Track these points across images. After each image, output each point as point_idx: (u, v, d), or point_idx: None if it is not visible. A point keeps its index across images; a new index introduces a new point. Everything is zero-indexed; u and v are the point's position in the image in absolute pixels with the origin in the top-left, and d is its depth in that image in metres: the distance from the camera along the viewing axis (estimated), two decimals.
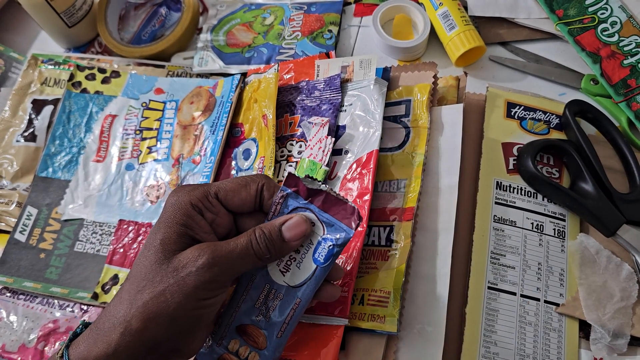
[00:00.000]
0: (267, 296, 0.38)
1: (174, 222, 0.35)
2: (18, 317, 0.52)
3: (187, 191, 0.37)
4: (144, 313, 0.33)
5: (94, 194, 0.56)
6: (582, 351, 0.44)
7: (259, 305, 0.38)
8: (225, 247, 0.35)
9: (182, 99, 0.59)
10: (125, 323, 0.33)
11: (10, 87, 0.64)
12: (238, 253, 0.35)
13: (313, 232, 0.37)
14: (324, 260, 0.37)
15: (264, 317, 0.38)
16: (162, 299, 0.33)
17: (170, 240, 0.35)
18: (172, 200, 0.37)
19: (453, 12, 0.57)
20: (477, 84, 0.57)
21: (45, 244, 0.54)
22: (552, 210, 0.49)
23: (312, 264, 0.37)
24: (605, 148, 0.51)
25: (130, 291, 0.34)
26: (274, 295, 0.38)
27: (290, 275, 0.38)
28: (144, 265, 0.35)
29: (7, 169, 0.58)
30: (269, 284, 0.38)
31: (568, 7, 0.57)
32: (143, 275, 0.34)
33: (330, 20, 0.62)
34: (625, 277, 0.45)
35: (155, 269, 0.34)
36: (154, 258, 0.34)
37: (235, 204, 0.38)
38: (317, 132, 0.50)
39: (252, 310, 0.38)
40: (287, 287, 0.38)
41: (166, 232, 0.35)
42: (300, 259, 0.38)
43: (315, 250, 0.37)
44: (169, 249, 0.35)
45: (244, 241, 0.36)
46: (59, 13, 0.62)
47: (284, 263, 0.38)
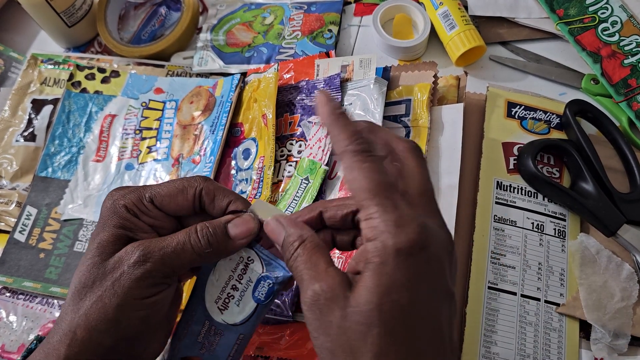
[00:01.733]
0: (208, 332, 0.37)
1: (110, 225, 0.34)
2: (18, 317, 0.51)
3: (122, 194, 0.36)
4: (87, 321, 0.32)
5: (93, 194, 0.56)
6: (583, 351, 0.44)
7: (201, 340, 0.37)
8: (160, 242, 0.34)
9: (182, 99, 0.59)
10: (70, 334, 0.32)
11: (10, 87, 0.64)
12: (173, 247, 0.34)
13: (252, 269, 0.36)
14: (264, 299, 0.36)
15: (208, 351, 0.37)
16: (101, 304, 0.32)
17: (108, 242, 0.34)
18: (108, 204, 0.35)
19: (453, 11, 0.57)
20: (477, 83, 0.57)
21: (44, 244, 0.54)
22: (553, 210, 0.49)
23: (253, 302, 0.36)
24: (605, 148, 0.51)
25: (73, 299, 0.33)
26: (215, 332, 0.37)
27: (228, 313, 0.36)
28: (81, 272, 0.33)
29: (7, 168, 0.58)
30: (208, 320, 0.37)
31: (568, 7, 0.57)
32: (83, 282, 0.33)
33: (330, 19, 0.62)
34: (625, 277, 0.45)
35: (92, 274, 0.33)
36: (91, 262, 0.33)
37: (172, 209, 0.36)
38: (317, 131, 0.50)
39: (195, 344, 0.37)
40: (227, 324, 0.36)
41: (103, 236, 0.34)
42: (239, 296, 0.36)
43: (255, 289, 0.36)
44: (106, 252, 0.34)
45: (181, 236, 0.34)
46: (59, 13, 0.62)
47: (222, 301, 0.36)
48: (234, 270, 0.36)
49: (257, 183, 0.51)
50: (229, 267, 0.36)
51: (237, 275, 0.36)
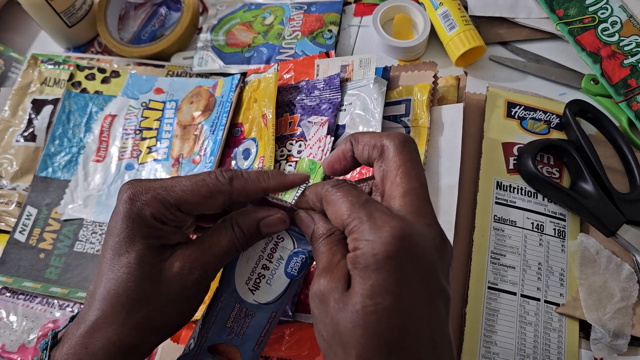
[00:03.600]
0: (238, 315, 0.37)
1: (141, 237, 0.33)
2: (18, 317, 0.51)
3: (146, 202, 0.33)
4: (139, 331, 0.33)
5: (93, 194, 0.56)
6: (583, 351, 0.44)
7: (230, 325, 0.37)
8: (212, 254, 0.34)
9: (182, 99, 0.59)
10: (120, 342, 0.32)
11: (10, 87, 0.64)
12: (224, 254, 0.34)
13: (283, 247, 0.37)
14: (297, 273, 0.36)
15: (237, 335, 0.37)
16: (157, 314, 0.33)
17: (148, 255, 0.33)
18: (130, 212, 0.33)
19: (453, 11, 0.57)
20: (477, 83, 0.57)
21: (45, 244, 0.54)
22: (553, 210, 0.49)
23: (286, 279, 0.36)
24: (605, 148, 0.51)
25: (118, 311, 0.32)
26: (245, 314, 0.37)
27: (260, 292, 0.37)
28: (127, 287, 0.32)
29: (7, 168, 0.58)
30: (238, 303, 0.37)
31: (568, 7, 0.57)
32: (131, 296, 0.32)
33: (330, 20, 0.62)
34: (625, 277, 0.45)
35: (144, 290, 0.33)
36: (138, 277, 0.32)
37: (200, 212, 0.35)
38: (317, 131, 0.50)
39: (223, 329, 0.37)
40: (259, 304, 0.37)
41: (140, 250, 0.33)
42: (270, 275, 0.37)
43: (287, 265, 0.36)
44: (149, 263, 0.33)
45: (226, 242, 0.34)
46: (59, 13, 0.62)
47: (253, 281, 0.37)
48: (264, 250, 0.37)
49: None
50: (259, 247, 0.37)
51: (267, 255, 0.37)
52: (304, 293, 0.44)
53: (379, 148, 0.32)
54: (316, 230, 0.33)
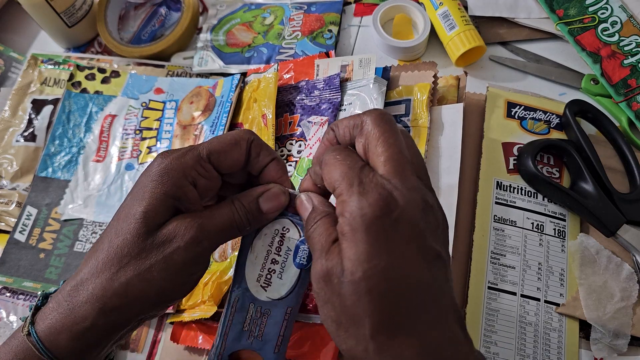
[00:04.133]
0: (254, 315, 0.36)
1: (161, 193, 0.32)
2: (18, 317, 0.51)
3: (177, 157, 0.33)
4: (128, 291, 0.32)
5: (93, 194, 0.56)
6: (583, 351, 0.44)
7: (247, 328, 0.37)
8: (211, 221, 0.33)
9: (182, 99, 0.59)
10: (104, 299, 0.31)
11: (10, 87, 0.64)
12: (222, 226, 0.34)
13: (289, 238, 0.36)
14: (306, 262, 0.36)
15: (256, 338, 0.37)
16: (148, 276, 0.32)
17: (156, 212, 0.32)
18: (161, 166, 0.33)
19: (453, 11, 0.57)
20: (477, 83, 0.57)
21: (45, 244, 0.54)
22: (553, 210, 0.49)
23: (295, 269, 0.36)
24: (605, 148, 0.51)
25: (109, 265, 0.32)
26: (261, 313, 0.36)
27: (272, 288, 0.36)
28: (124, 239, 0.32)
29: (7, 168, 0.58)
30: (252, 302, 0.36)
31: (568, 7, 0.57)
32: (125, 250, 0.32)
33: (330, 20, 0.62)
34: (625, 277, 0.45)
35: (138, 244, 0.32)
36: (136, 231, 0.32)
37: (227, 165, 0.35)
38: (317, 131, 0.50)
39: (241, 334, 0.37)
40: (272, 301, 0.36)
41: (151, 204, 0.32)
42: (280, 268, 0.36)
43: (295, 255, 0.36)
44: (153, 222, 0.32)
45: (226, 213, 0.34)
46: (59, 13, 0.62)
47: (264, 278, 0.36)
48: (271, 244, 0.36)
49: None
50: (266, 242, 0.36)
51: (275, 249, 0.36)
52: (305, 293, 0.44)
53: (358, 125, 0.32)
54: (311, 214, 0.33)
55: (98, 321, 0.32)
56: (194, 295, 0.48)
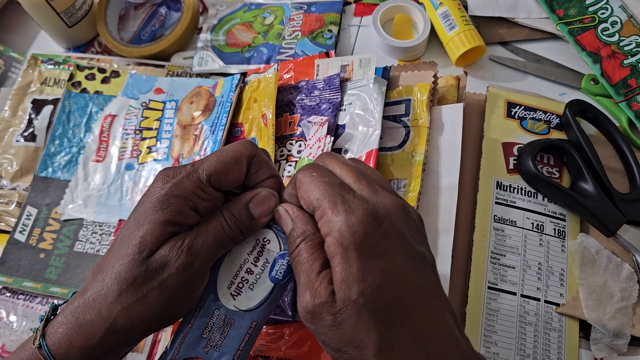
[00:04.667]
0: (217, 323, 0.35)
1: (161, 220, 0.32)
2: (18, 317, 0.51)
3: (177, 182, 0.33)
4: (130, 315, 0.32)
5: (93, 194, 0.56)
6: (583, 351, 0.44)
7: (207, 334, 0.35)
8: (201, 239, 0.33)
9: (182, 99, 0.59)
10: (110, 320, 0.32)
11: (10, 87, 0.64)
12: (213, 242, 0.33)
13: (269, 250, 0.35)
14: (282, 277, 0.35)
15: (214, 348, 0.35)
16: (146, 301, 0.32)
17: (153, 237, 0.32)
18: (161, 192, 0.33)
19: (453, 11, 0.57)
20: (477, 83, 0.57)
21: (45, 244, 0.54)
22: (553, 210, 0.49)
23: (269, 283, 0.35)
24: (605, 148, 0.51)
25: (111, 289, 0.32)
26: (224, 322, 0.35)
27: (241, 298, 0.35)
28: (122, 263, 0.32)
29: (7, 168, 0.58)
30: (217, 309, 0.35)
31: (568, 7, 0.57)
32: (123, 276, 0.32)
33: (330, 20, 0.62)
34: (625, 277, 0.45)
35: (134, 270, 0.32)
36: (132, 257, 0.32)
37: (228, 184, 0.34)
38: (317, 131, 0.50)
39: (199, 340, 0.35)
40: (239, 311, 0.35)
41: (149, 229, 0.32)
42: (254, 279, 0.35)
43: (272, 269, 0.35)
44: (149, 249, 0.32)
45: (216, 228, 0.33)
46: (59, 13, 0.62)
47: (235, 285, 0.35)
48: (250, 253, 0.35)
49: None
50: (245, 250, 0.35)
51: (253, 259, 0.35)
52: None
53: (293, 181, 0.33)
54: (291, 232, 0.32)
55: (106, 339, 0.32)
56: None
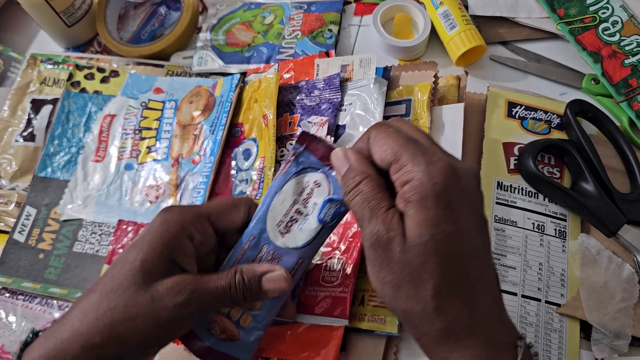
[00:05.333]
0: (265, 257, 0.37)
1: (160, 244, 0.34)
2: (17, 318, 0.51)
3: (179, 212, 0.36)
4: (111, 332, 0.33)
5: (93, 194, 0.55)
6: (583, 352, 0.44)
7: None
8: (206, 287, 0.35)
9: (182, 99, 0.59)
10: (87, 336, 0.32)
11: (9, 87, 0.63)
12: (216, 295, 0.35)
13: (319, 193, 0.36)
14: (330, 219, 0.36)
15: None
16: (133, 324, 0.33)
17: (153, 263, 0.34)
18: (163, 218, 0.35)
19: (454, 11, 0.57)
20: (477, 83, 0.57)
21: (44, 244, 0.54)
22: (553, 211, 0.48)
23: (317, 224, 0.36)
24: (606, 148, 0.51)
25: (98, 306, 0.33)
26: (272, 257, 0.37)
27: (290, 236, 0.37)
28: (119, 284, 0.33)
29: (6, 169, 0.58)
30: (266, 244, 0.37)
31: (569, 7, 0.57)
32: (117, 294, 0.33)
33: (330, 19, 0.61)
34: (626, 277, 0.45)
35: (131, 291, 0.33)
36: (132, 279, 0.33)
37: (225, 225, 0.37)
38: (317, 131, 0.50)
39: None
40: (287, 248, 0.37)
41: (149, 253, 0.34)
42: (303, 220, 0.37)
43: (321, 210, 0.36)
44: (149, 273, 0.34)
45: (224, 283, 0.35)
46: (58, 12, 0.62)
47: (285, 224, 0.37)
48: (300, 194, 0.37)
49: (257, 184, 0.50)
50: (296, 190, 0.37)
51: (303, 200, 0.37)
52: (304, 293, 0.44)
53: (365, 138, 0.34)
54: (348, 172, 0.33)
55: (80, 357, 0.33)
56: None
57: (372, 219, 0.31)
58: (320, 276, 0.44)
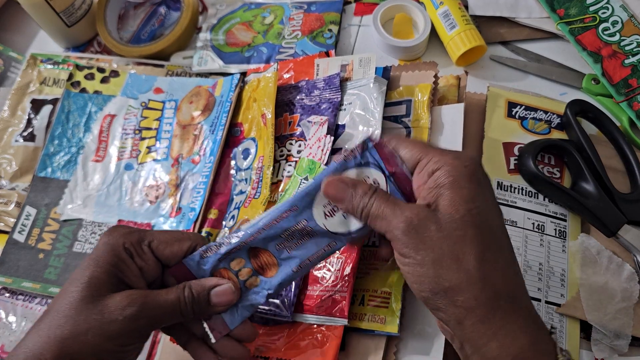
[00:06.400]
0: (300, 231, 0.37)
1: (104, 262, 0.36)
2: (17, 318, 0.51)
3: (122, 234, 0.37)
4: (61, 349, 0.33)
5: (93, 194, 0.55)
6: (583, 352, 0.44)
7: (285, 236, 0.38)
8: (155, 301, 0.35)
9: (182, 99, 0.59)
10: (39, 356, 0.33)
11: (9, 87, 0.64)
12: (165, 309, 0.36)
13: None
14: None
15: (286, 249, 0.38)
16: (83, 338, 0.33)
17: (99, 280, 0.35)
18: (105, 239, 0.37)
19: (454, 11, 0.57)
20: (477, 83, 0.57)
21: (44, 244, 0.54)
22: (553, 211, 0.48)
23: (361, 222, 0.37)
24: (606, 148, 0.51)
25: (49, 325, 0.34)
26: (307, 233, 0.37)
27: (332, 220, 0.37)
28: (68, 302, 0.34)
29: (6, 168, 0.58)
30: (307, 220, 0.37)
31: (569, 7, 0.57)
32: (66, 312, 0.34)
33: (330, 19, 0.61)
34: (626, 277, 0.45)
35: (79, 308, 0.34)
36: (79, 296, 0.34)
37: (166, 255, 0.38)
38: (316, 131, 0.50)
39: (275, 238, 0.38)
40: (325, 230, 0.37)
41: (95, 271, 0.35)
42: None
43: None
44: (97, 289, 0.35)
45: (173, 297, 0.36)
46: (58, 12, 0.62)
47: (331, 207, 0.37)
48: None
49: (256, 183, 0.50)
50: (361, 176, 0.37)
51: None
52: (303, 293, 0.44)
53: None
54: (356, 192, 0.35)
55: None
56: None
57: (396, 210, 0.33)
58: (319, 276, 0.44)
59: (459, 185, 0.32)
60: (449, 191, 0.32)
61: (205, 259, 0.38)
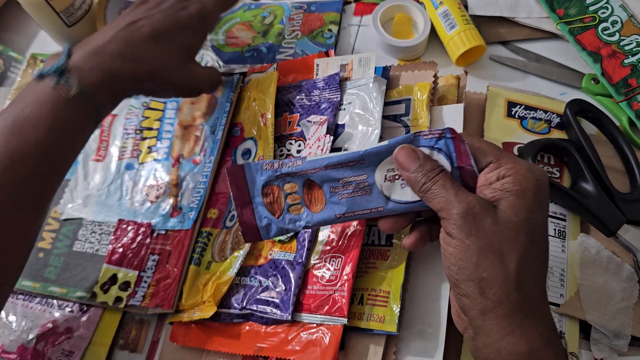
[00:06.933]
0: (358, 184, 0.39)
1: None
2: (17, 317, 0.51)
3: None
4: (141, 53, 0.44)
5: (93, 194, 0.56)
6: (583, 352, 0.44)
7: (342, 183, 0.39)
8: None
9: (183, 99, 0.59)
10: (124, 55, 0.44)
11: (10, 87, 0.64)
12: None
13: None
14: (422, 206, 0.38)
15: (337, 195, 0.39)
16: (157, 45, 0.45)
17: None
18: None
19: (453, 11, 0.57)
20: (477, 83, 0.57)
21: (44, 243, 0.54)
22: (553, 210, 0.48)
23: (414, 197, 0.38)
24: (606, 147, 0.51)
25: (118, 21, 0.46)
26: (364, 189, 0.38)
27: (390, 186, 0.38)
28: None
29: None
30: (368, 176, 0.38)
31: (569, 6, 0.57)
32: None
33: (330, 19, 0.61)
34: (626, 277, 0.45)
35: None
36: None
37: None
38: (316, 130, 0.50)
39: (333, 181, 0.39)
40: (380, 192, 0.38)
41: None
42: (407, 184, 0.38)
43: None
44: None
45: None
46: (58, 12, 0.62)
47: (393, 173, 0.38)
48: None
49: None
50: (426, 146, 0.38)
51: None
52: (303, 292, 0.44)
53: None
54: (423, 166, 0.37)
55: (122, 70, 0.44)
56: (193, 295, 0.48)
57: (460, 194, 0.35)
58: (319, 275, 0.44)
59: (526, 196, 0.34)
60: (514, 197, 0.34)
61: (265, 171, 0.40)
